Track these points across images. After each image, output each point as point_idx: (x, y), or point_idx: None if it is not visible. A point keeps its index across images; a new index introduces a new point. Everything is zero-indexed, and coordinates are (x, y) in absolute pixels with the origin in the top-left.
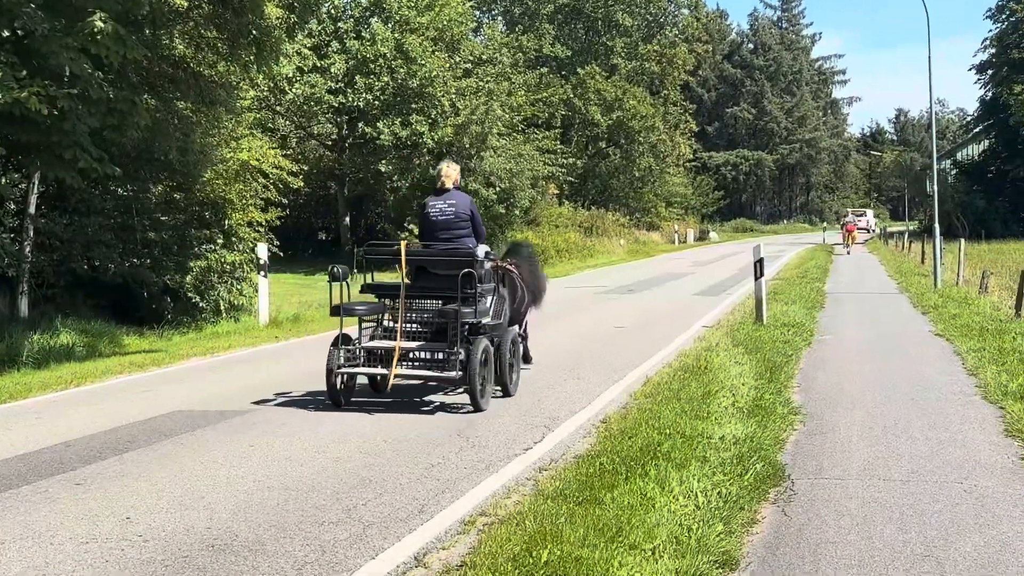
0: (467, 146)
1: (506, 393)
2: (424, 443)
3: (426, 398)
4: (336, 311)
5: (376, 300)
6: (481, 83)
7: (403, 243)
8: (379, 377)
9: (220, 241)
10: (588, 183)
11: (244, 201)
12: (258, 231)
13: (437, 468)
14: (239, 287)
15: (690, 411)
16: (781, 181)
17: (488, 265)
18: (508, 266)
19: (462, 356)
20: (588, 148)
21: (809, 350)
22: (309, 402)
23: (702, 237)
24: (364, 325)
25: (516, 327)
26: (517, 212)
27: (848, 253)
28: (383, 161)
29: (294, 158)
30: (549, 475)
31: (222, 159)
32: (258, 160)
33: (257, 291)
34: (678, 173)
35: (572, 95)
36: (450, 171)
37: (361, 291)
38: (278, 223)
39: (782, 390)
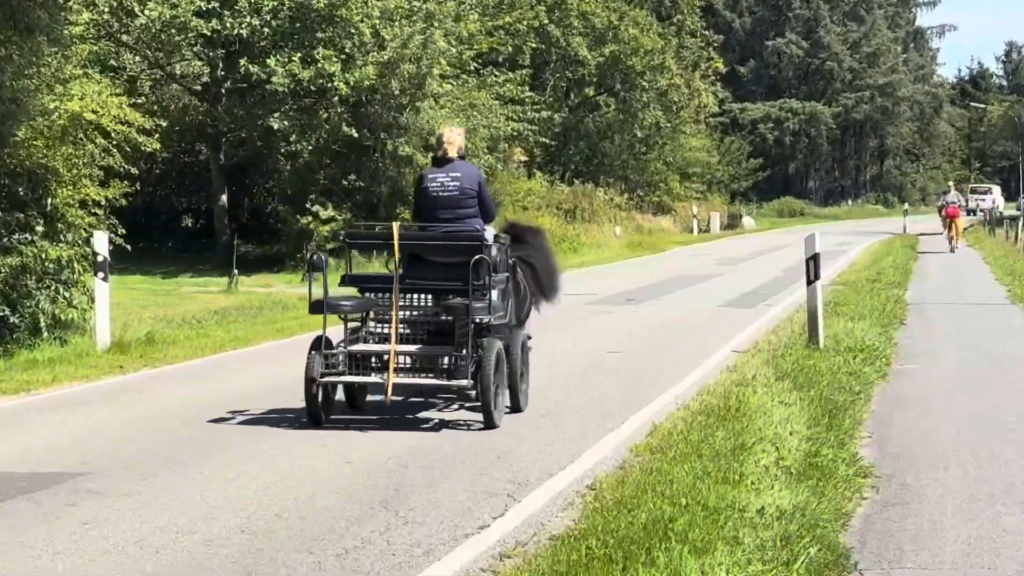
0: (396, 93)
1: (516, 407)
2: (334, 516)
3: (421, 414)
4: (318, 307)
5: (361, 296)
6: (417, 1)
7: (396, 225)
8: (357, 387)
9: (39, 229)
10: (570, 146)
11: (75, 171)
12: (95, 214)
13: (351, 556)
14: (67, 295)
15: (715, 472)
16: (844, 145)
17: (496, 251)
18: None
19: (474, 361)
20: (570, 97)
21: (885, 385)
22: (170, 460)
23: (732, 224)
24: (348, 326)
25: (523, 329)
26: None
27: (953, 251)
28: (275, 115)
29: (148, 109)
30: (514, 565)
31: (43, 111)
32: (95, 112)
33: (93, 301)
34: (698, 133)
35: (547, 20)
36: (453, 137)
37: (341, 284)
38: (124, 203)
39: (846, 442)
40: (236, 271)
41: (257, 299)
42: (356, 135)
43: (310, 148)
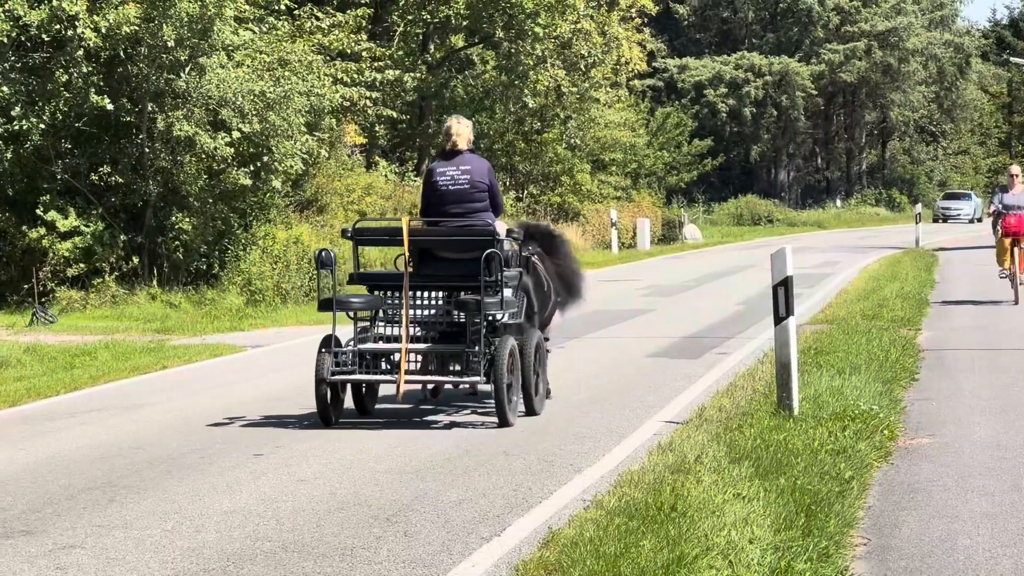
0: (170, 45)
1: (531, 411)
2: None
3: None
4: (327, 305)
5: (370, 293)
6: None
7: (405, 220)
8: (366, 392)
9: None
10: (429, 122)
11: None
12: None
13: None
14: None
15: None
16: (830, 120)
17: (508, 246)
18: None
19: (487, 358)
20: (429, 50)
21: (887, 469)
22: None
23: (669, 236)
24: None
25: (537, 329)
26: (275, 186)
27: (1019, 299)
28: None
29: None
30: None
31: None
32: None
33: None
34: (618, 102)
35: None
36: (461, 129)
37: (350, 282)
38: None
39: (831, 552)
40: None
41: None
42: (111, 106)
43: (41, 127)
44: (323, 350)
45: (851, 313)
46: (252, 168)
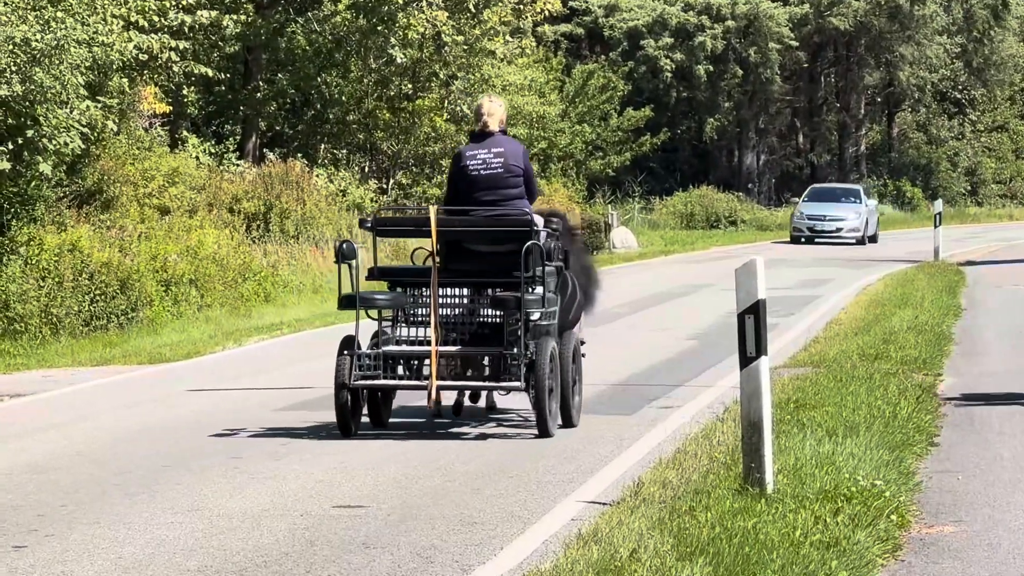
0: None
1: (567, 421)
2: None
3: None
4: (349, 303)
5: (394, 290)
6: None
7: (433, 208)
8: (382, 400)
9: None
10: (258, 83)
11: None
12: None
13: None
14: None
15: None
16: (814, 82)
17: (544, 237)
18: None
19: (525, 362)
20: None
21: (895, 568)
22: None
23: (591, 244)
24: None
25: (575, 331)
26: (42, 172)
27: None
28: None
29: None
30: None
31: None
32: None
33: None
34: (521, 57)
35: None
36: (493, 108)
37: (369, 278)
38: None
39: None
40: None
41: None
42: None
43: None
44: (344, 352)
45: (846, 352)
46: (11, 147)
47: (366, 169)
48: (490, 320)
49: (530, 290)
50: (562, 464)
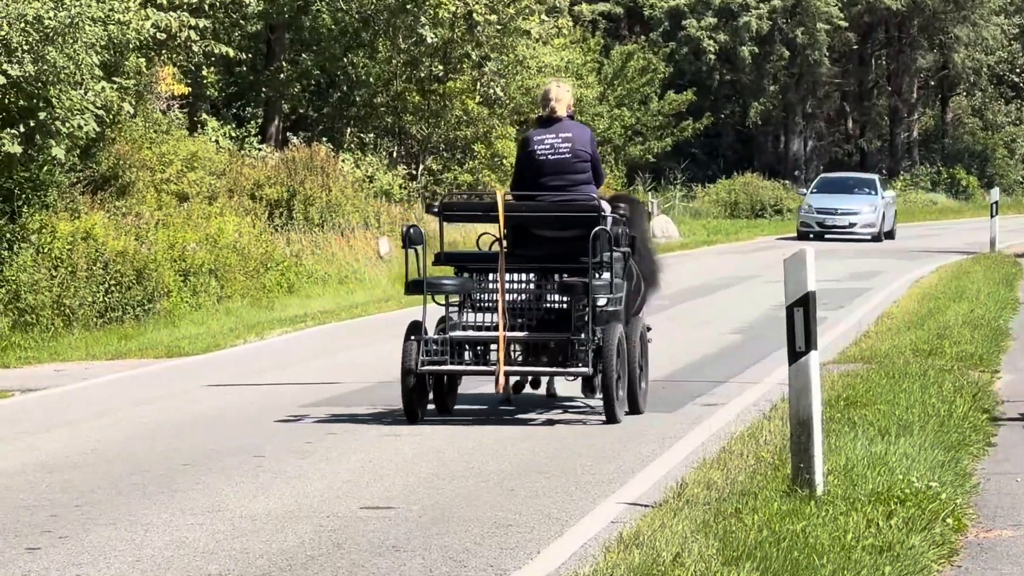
0: None
1: (634, 408)
2: None
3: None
4: (416, 287)
5: (460, 275)
6: None
7: (500, 192)
8: (448, 386)
9: None
10: (281, 64)
11: None
12: None
13: None
14: None
15: None
16: (865, 65)
17: (613, 222)
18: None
19: (593, 347)
20: None
21: (952, 574)
22: None
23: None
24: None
25: (641, 317)
26: (55, 156)
27: None
28: None
29: None
30: None
31: None
32: None
33: None
34: (557, 38)
35: None
36: (561, 94)
37: (435, 263)
38: None
39: None
40: None
41: None
42: None
43: None
44: (411, 338)
45: (898, 347)
46: (22, 130)
47: (394, 154)
48: (557, 306)
49: (597, 276)
50: (601, 464)
